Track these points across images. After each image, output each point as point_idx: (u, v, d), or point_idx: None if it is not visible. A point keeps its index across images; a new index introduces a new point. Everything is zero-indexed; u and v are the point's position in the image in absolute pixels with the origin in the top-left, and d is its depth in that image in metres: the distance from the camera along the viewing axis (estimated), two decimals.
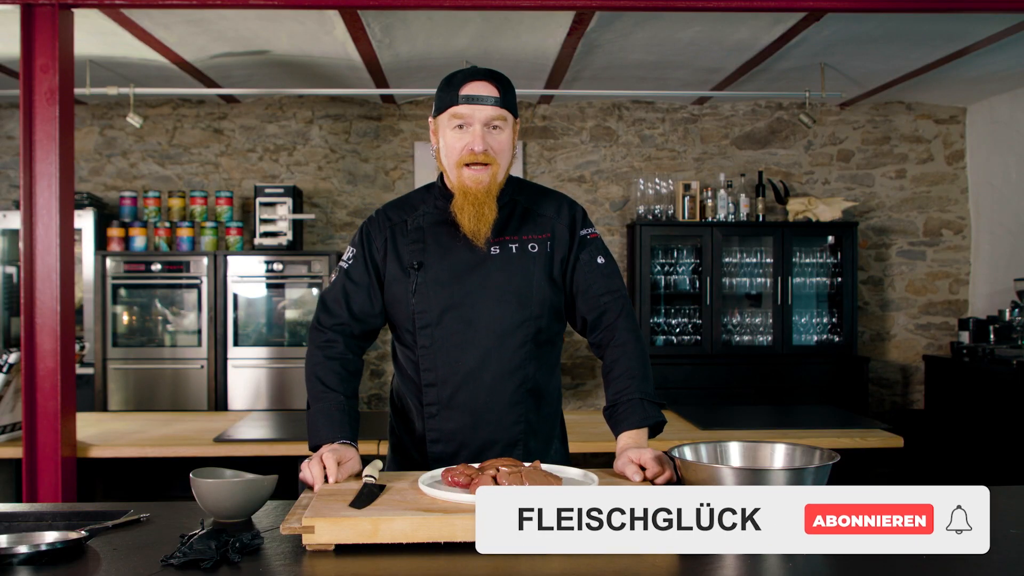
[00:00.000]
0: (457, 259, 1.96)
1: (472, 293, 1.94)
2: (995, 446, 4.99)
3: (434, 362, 1.95)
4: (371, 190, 6.05)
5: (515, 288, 1.95)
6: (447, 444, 1.97)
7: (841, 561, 1.36)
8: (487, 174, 1.91)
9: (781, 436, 3.11)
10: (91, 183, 5.96)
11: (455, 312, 1.94)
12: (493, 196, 1.93)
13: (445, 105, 1.92)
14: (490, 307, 1.94)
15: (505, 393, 1.95)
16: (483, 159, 1.90)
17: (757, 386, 5.62)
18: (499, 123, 1.92)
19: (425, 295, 1.95)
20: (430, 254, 1.97)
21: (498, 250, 1.96)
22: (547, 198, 2.06)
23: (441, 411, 1.97)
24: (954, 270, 6.20)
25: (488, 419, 1.96)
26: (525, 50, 4.75)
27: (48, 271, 3.27)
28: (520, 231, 1.99)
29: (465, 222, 1.91)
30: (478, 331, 1.94)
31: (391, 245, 2.00)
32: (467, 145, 1.90)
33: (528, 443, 2.00)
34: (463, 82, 1.91)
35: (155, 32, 4.37)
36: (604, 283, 2.00)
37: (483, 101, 1.89)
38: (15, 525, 1.74)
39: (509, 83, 1.96)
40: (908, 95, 5.94)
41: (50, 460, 3.23)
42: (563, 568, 1.38)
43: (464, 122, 1.90)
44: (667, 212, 5.82)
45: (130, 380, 5.29)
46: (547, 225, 2.01)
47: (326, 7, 3.70)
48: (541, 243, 1.99)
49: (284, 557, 1.47)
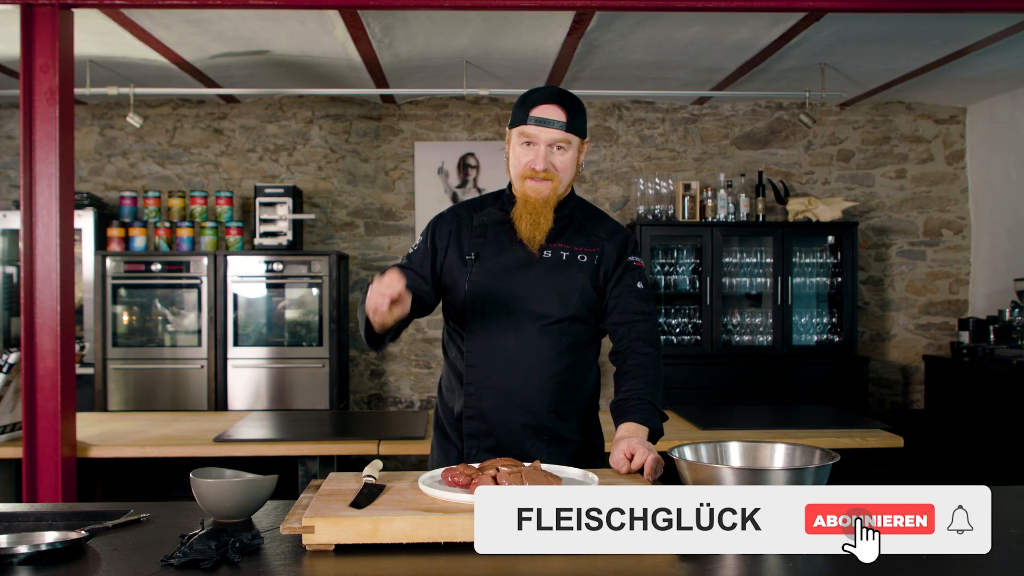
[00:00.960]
0: (511, 257, 2.12)
1: (520, 287, 2.09)
2: (995, 446, 4.99)
3: (477, 345, 2.10)
4: (371, 190, 6.05)
5: (559, 289, 2.09)
6: (481, 422, 2.09)
7: (841, 561, 1.37)
8: (547, 187, 2.07)
9: (781, 436, 3.11)
10: (91, 183, 5.96)
11: (501, 301, 2.09)
12: (551, 207, 2.09)
13: (517, 122, 2.09)
14: (534, 302, 2.08)
15: (541, 379, 2.08)
16: (544, 176, 2.06)
17: (757, 386, 5.62)
18: (563, 144, 2.07)
19: (478, 283, 2.10)
20: (488, 248, 2.13)
21: (550, 254, 2.12)
22: (604, 221, 2.22)
23: (479, 390, 2.10)
24: (954, 270, 6.20)
25: (520, 402, 2.08)
26: (525, 50, 4.75)
27: (48, 271, 3.27)
28: (573, 242, 2.14)
29: (522, 228, 2.09)
30: (520, 322, 2.08)
31: (455, 236, 2.17)
32: (530, 162, 2.07)
33: (556, 430, 2.10)
34: (536, 103, 2.06)
35: (155, 32, 4.37)
36: (639, 304, 2.14)
37: (550, 125, 2.05)
38: (15, 525, 1.74)
39: (580, 107, 2.10)
40: (908, 95, 5.94)
41: (50, 460, 3.23)
42: (563, 568, 1.38)
43: (531, 140, 2.06)
44: (667, 212, 5.82)
45: (130, 380, 5.29)
46: (599, 243, 2.16)
47: (326, 7, 3.70)
48: (590, 255, 2.14)
49: (284, 557, 1.47)
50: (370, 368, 6.11)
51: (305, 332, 5.45)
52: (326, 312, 5.38)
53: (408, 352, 6.08)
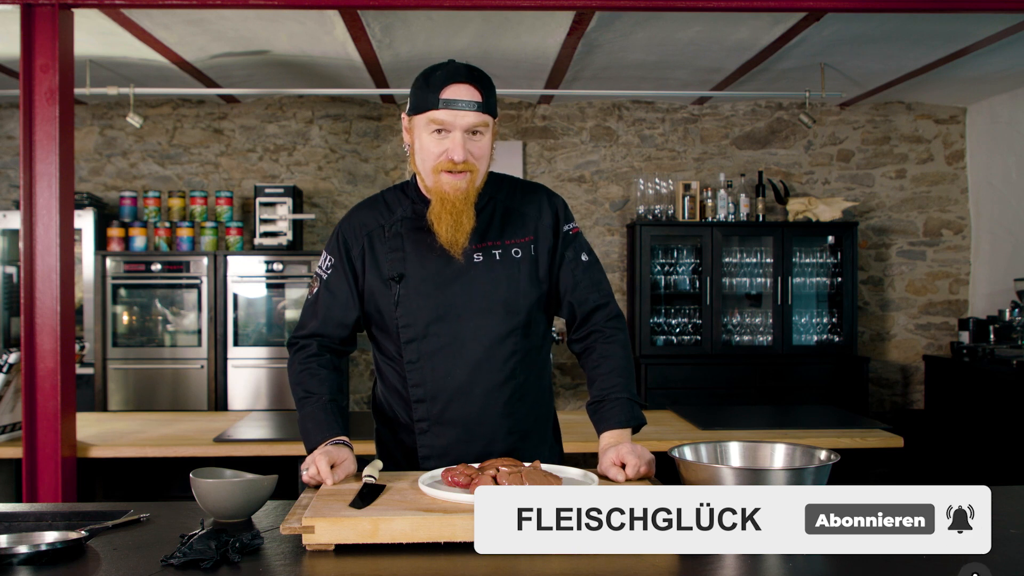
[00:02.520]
0: (439, 268, 1.88)
1: (457, 304, 1.87)
2: (995, 446, 4.99)
3: (423, 377, 1.89)
4: (371, 190, 6.05)
5: (502, 297, 1.88)
6: (440, 460, 1.91)
7: (841, 561, 1.36)
8: (465, 180, 1.83)
9: (781, 436, 3.11)
10: (91, 183, 5.96)
11: (441, 324, 1.87)
12: (471, 203, 1.85)
13: (423, 107, 1.82)
14: (477, 318, 1.87)
15: (498, 404, 1.91)
16: (462, 167, 1.81)
17: (757, 386, 5.62)
18: (480, 129, 1.82)
19: (408, 307, 1.88)
20: (410, 264, 1.89)
21: (481, 257, 1.89)
22: (527, 195, 1.98)
23: (432, 427, 1.92)
24: (954, 270, 6.20)
25: (481, 432, 1.91)
26: (525, 50, 4.75)
27: (48, 271, 3.27)
28: (503, 235, 1.92)
29: (442, 231, 1.83)
30: (466, 343, 1.87)
31: (369, 254, 1.92)
32: (446, 152, 1.81)
33: (522, 450, 1.96)
34: (443, 83, 1.80)
35: (155, 32, 4.37)
36: (590, 281, 1.96)
37: (465, 107, 1.79)
38: (15, 525, 1.74)
39: (490, 83, 1.86)
40: (908, 95, 5.94)
41: (50, 460, 3.23)
42: (563, 568, 1.38)
43: (443, 127, 1.81)
44: (667, 212, 5.82)
45: (130, 380, 5.29)
46: (529, 227, 1.94)
47: (326, 7, 3.70)
48: (524, 247, 1.93)
49: (284, 557, 1.47)
50: (370, 368, 6.11)
51: None
52: None
53: None
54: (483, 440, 1.92)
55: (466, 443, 1.91)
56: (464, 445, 1.91)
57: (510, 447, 1.94)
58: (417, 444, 1.94)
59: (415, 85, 1.87)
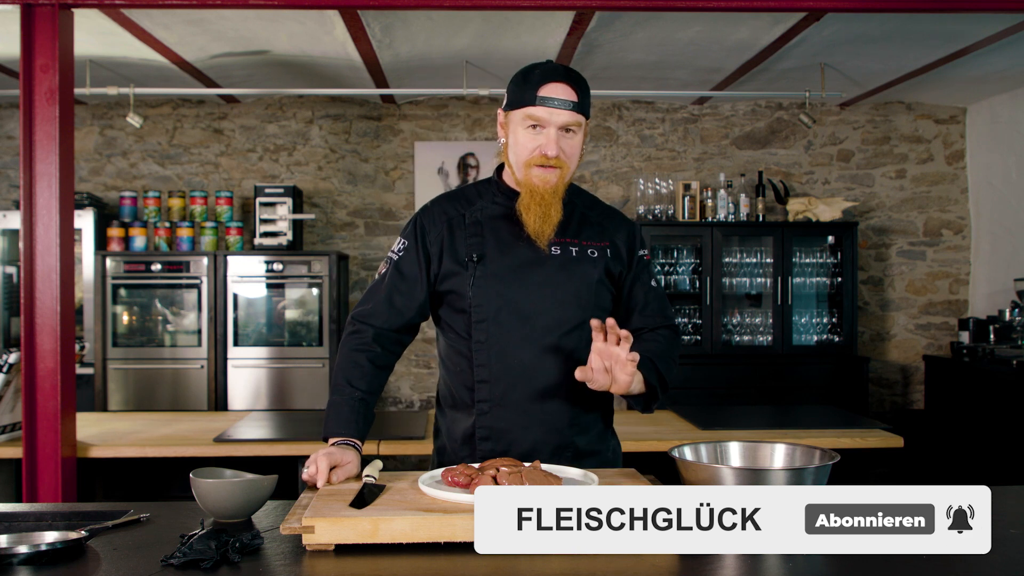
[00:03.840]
0: (517, 255, 1.93)
1: (531, 290, 1.91)
2: (995, 446, 4.98)
3: (488, 358, 1.92)
4: (371, 190, 6.05)
5: (575, 289, 1.92)
6: (497, 442, 1.93)
7: (842, 561, 1.36)
8: (556, 175, 1.88)
9: (781, 436, 3.11)
10: (91, 183, 5.96)
11: (513, 308, 1.91)
12: (560, 197, 1.90)
13: (520, 102, 1.88)
14: (549, 306, 1.91)
15: (560, 393, 1.92)
16: (554, 163, 1.87)
17: (757, 386, 5.62)
18: (574, 127, 1.88)
19: (483, 289, 1.91)
20: (489, 248, 1.93)
21: (559, 251, 1.94)
22: (606, 211, 2.06)
23: (493, 408, 1.93)
24: (954, 270, 6.20)
25: (540, 419, 1.92)
26: (525, 50, 4.75)
27: (48, 271, 3.27)
28: (580, 235, 1.97)
29: (530, 221, 1.89)
30: (536, 329, 1.90)
31: (448, 239, 1.96)
32: (540, 147, 1.87)
33: (579, 444, 1.96)
34: (541, 81, 1.86)
35: (155, 32, 4.37)
36: (658, 305, 2.03)
37: (561, 106, 1.85)
38: (15, 525, 1.74)
39: (586, 85, 1.92)
40: (908, 95, 5.94)
41: (50, 460, 3.23)
42: (563, 568, 1.38)
43: (539, 123, 1.86)
44: (667, 212, 5.82)
45: (130, 380, 5.29)
46: (606, 235, 2.00)
47: (326, 7, 3.70)
48: (600, 250, 1.97)
49: (284, 557, 1.47)
50: None
51: (305, 332, 5.45)
52: (326, 312, 5.38)
53: (408, 352, 6.07)
54: (542, 428, 1.92)
55: (524, 428, 1.92)
56: (522, 430, 1.92)
57: (567, 440, 1.94)
58: (476, 426, 1.94)
59: (513, 82, 1.93)
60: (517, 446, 1.92)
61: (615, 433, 2.12)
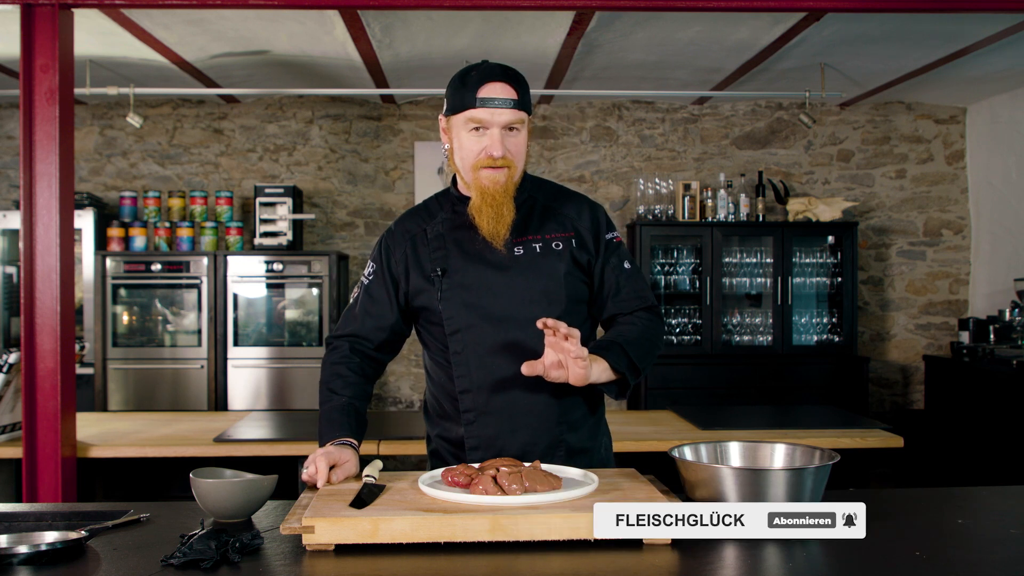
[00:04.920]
0: (481, 262, 1.92)
1: (499, 295, 1.91)
2: (995, 446, 4.98)
3: (468, 368, 1.92)
4: (371, 190, 6.05)
5: (543, 287, 1.92)
6: (487, 450, 1.93)
7: (842, 561, 1.40)
8: (504, 175, 1.87)
9: (781, 436, 3.11)
10: (91, 183, 5.96)
11: (484, 315, 1.91)
12: (511, 196, 1.89)
13: (460, 106, 1.87)
14: (519, 308, 1.90)
15: (543, 393, 1.92)
16: (501, 163, 1.86)
17: (757, 386, 5.62)
18: (517, 125, 1.87)
19: (452, 301, 1.92)
20: (453, 259, 1.93)
21: (522, 251, 1.93)
22: (567, 198, 2.03)
23: (479, 417, 1.93)
24: (954, 270, 6.20)
25: (527, 421, 1.92)
26: (525, 50, 4.75)
27: (48, 271, 3.27)
28: (542, 230, 1.96)
29: (484, 223, 1.88)
30: (509, 333, 1.90)
31: (412, 256, 1.97)
32: (485, 149, 1.86)
33: (570, 442, 1.96)
34: (480, 83, 1.85)
35: (155, 32, 4.37)
36: (632, 288, 1.99)
37: (501, 104, 1.84)
38: (15, 525, 1.74)
39: (524, 81, 1.91)
40: (908, 95, 5.94)
41: (50, 460, 3.23)
42: (563, 567, 1.38)
43: (481, 125, 1.86)
44: (667, 212, 5.82)
45: (130, 380, 5.29)
46: (569, 225, 1.98)
47: (326, 7, 3.70)
48: (565, 241, 1.96)
49: (284, 557, 1.47)
50: None
51: (305, 332, 5.45)
52: (326, 312, 5.38)
53: (408, 352, 6.08)
54: (529, 430, 1.92)
55: (512, 432, 1.92)
56: (510, 435, 1.92)
57: (557, 438, 1.94)
58: (464, 435, 1.95)
59: (451, 86, 1.91)
60: (508, 451, 1.92)
61: (607, 430, 2.12)
